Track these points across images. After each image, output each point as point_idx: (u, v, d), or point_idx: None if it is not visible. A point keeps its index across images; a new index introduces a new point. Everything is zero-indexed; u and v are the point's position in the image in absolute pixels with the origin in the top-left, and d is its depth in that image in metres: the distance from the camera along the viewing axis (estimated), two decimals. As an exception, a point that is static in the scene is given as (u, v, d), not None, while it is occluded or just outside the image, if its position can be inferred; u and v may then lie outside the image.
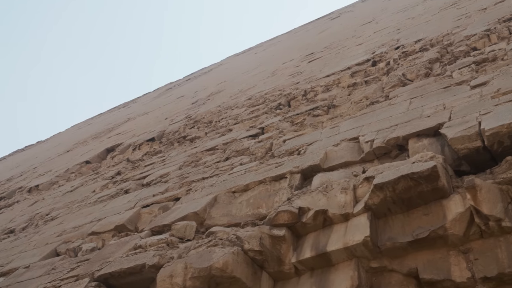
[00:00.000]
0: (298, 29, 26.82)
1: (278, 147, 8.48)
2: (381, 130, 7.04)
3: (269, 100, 12.04)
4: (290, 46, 21.15)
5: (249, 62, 22.12)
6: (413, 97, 7.82)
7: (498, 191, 5.18)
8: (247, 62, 22.54)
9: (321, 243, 5.73)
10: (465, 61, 8.41)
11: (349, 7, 25.51)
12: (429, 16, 13.38)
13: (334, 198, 5.96)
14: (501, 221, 5.02)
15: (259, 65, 19.39)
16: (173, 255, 6.14)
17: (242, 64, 22.37)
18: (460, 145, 5.78)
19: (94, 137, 19.65)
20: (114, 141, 16.13)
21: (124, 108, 26.99)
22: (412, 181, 5.39)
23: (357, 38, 15.22)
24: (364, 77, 10.49)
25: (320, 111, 9.49)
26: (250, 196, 7.18)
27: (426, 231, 5.29)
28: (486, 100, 6.45)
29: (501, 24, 9.42)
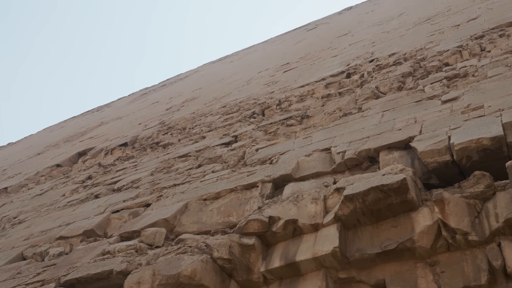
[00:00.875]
0: (275, 39, 26.93)
1: (251, 155, 8.49)
2: (353, 141, 7.10)
3: (244, 108, 12.05)
4: (266, 55, 21.23)
5: (225, 70, 22.13)
6: (386, 110, 7.90)
7: (466, 205, 5.26)
8: (223, 70, 22.54)
9: (290, 252, 5.75)
10: (437, 76, 8.53)
11: (326, 19, 25.70)
12: (404, 31, 13.55)
13: (305, 208, 5.99)
14: (467, 235, 5.10)
15: (234, 73, 19.41)
16: (141, 262, 6.09)
17: (218, 72, 22.37)
18: (430, 158, 5.86)
19: (66, 140, 19.42)
20: (86, 145, 15.96)
21: (97, 112, 26.75)
22: (382, 193, 5.44)
23: (332, 50, 15.34)
24: (338, 88, 10.57)
25: (293, 121, 9.53)
26: (221, 204, 7.17)
27: (394, 243, 5.35)
28: (456, 115, 6.55)
29: (473, 41, 9.59)
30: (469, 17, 11.79)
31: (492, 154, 5.52)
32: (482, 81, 7.43)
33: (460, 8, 13.39)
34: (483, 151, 5.53)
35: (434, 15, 13.97)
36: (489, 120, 5.94)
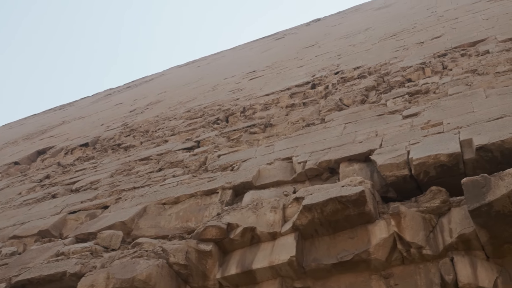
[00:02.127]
0: (243, 46, 26.96)
1: (213, 161, 8.47)
2: (314, 152, 7.15)
3: (208, 114, 12.03)
4: (233, 62, 21.23)
5: (191, 74, 22.04)
6: (348, 122, 7.99)
7: (421, 219, 5.35)
8: (190, 74, 22.45)
9: (247, 260, 5.75)
10: (399, 91, 8.67)
11: (294, 29, 25.85)
12: (370, 45, 13.73)
13: (264, 216, 6.00)
14: (422, 249, 5.19)
15: (200, 78, 19.35)
16: (96, 264, 6.01)
17: (184, 76, 22.26)
18: (389, 172, 5.94)
19: (26, 138, 19.03)
20: (46, 144, 15.68)
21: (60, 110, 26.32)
22: (340, 204, 5.50)
23: (299, 60, 15.44)
24: (302, 98, 10.63)
25: (257, 129, 9.55)
26: (180, 209, 7.13)
27: (350, 254, 5.41)
28: (416, 131, 6.67)
29: (435, 59, 9.78)
30: (433, 35, 12.03)
31: (449, 170, 5.63)
32: (443, 99, 7.58)
33: (425, 26, 13.64)
34: (440, 167, 5.63)
35: (400, 31, 14.20)
36: (447, 137, 6.06)
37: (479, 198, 4.78)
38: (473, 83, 7.77)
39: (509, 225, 4.79)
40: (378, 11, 20.73)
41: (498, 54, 8.72)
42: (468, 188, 4.92)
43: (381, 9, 21.14)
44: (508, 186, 4.69)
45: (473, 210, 4.79)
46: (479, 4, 13.97)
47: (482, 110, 6.55)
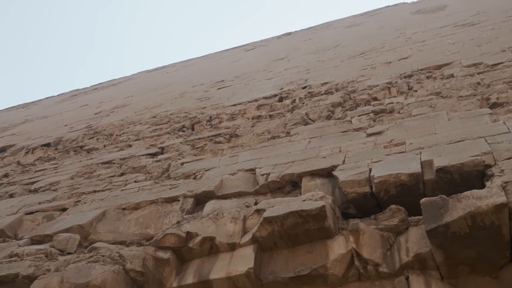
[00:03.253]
0: (213, 55, 26.98)
1: (176, 169, 8.42)
2: (278, 164, 7.17)
3: (174, 121, 11.97)
4: (203, 70, 21.21)
5: (160, 80, 21.93)
6: (313, 137, 8.04)
7: (380, 237, 5.40)
8: (158, 80, 22.33)
9: (204, 270, 5.71)
10: (365, 109, 8.77)
11: (265, 42, 26.00)
12: (338, 62, 13.88)
13: (224, 226, 5.98)
14: (378, 266, 5.24)
15: (168, 85, 19.26)
16: (50, 267, 5.89)
17: (152, 81, 22.13)
18: (350, 188, 5.99)
19: (-14, 134, 18.66)
20: (7, 142, 15.37)
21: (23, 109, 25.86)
22: (301, 218, 5.51)
23: (268, 73, 15.51)
24: (269, 111, 10.67)
25: (222, 139, 9.54)
26: (140, 215, 7.05)
27: (308, 269, 5.42)
28: (379, 149, 6.75)
29: (402, 79, 9.94)
30: (400, 56, 12.23)
31: (409, 190, 5.71)
32: (406, 119, 7.70)
33: (393, 46, 13.87)
34: (400, 186, 5.70)
35: (368, 50, 14.41)
36: (409, 156, 6.15)
37: (437, 218, 4.85)
38: (436, 105, 7.92)
39: (465, 247, 4.87)
40: (349, 29, 21.01)
41: (462, 78, 8.91)
42: (426, 208, 4.99)
43: (352, 27, 21.44)
44: (465, 208, 4.77)
45: (430, 230, 4.86)
46: (446, 28, 14.29)
47: (444, 132, 6.67)
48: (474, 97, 7.87)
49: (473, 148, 5.83)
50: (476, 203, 4.77)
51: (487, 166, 5.47)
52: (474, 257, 4.94)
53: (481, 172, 5.47)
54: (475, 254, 4.91)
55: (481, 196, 4.85)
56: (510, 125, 6.30)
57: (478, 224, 4.75)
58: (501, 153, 5.60)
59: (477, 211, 4.71)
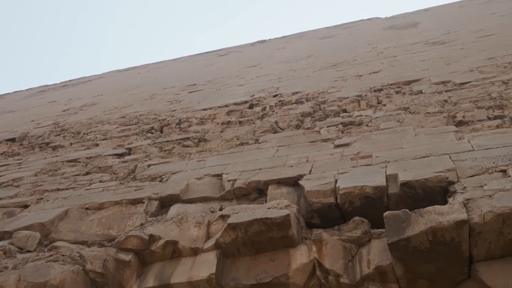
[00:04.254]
0: (186, 58, 26.87)
1: (142, 170, 8.35)
2: (245, 171, 7.17)
3: (143, 122, 11.89)
4: (175, 73, 21.12)
5: (131, 80, 21.76)
6: (281, 145, 8.07)
7: (342, 248, 5.44)
8: (129, 80, 22.15)
9: (166, 274, 5.67)
10: (334, 121, 8.85)
11: (238, 48, 26.03)
12: (310, 72, 13.97)
13: (187, 230, 5.95)
14: (340, 277, 5.28)
15: (140, 86, 19.12)
16: (8, 265, 5.77)
17: (123, 81, 21.94)
18: (315, 198, 6.02)
19: (-51, 127, 18.25)
20: (-30, 135, 15.07)
21: (-11, 102, 25.41)
22: (265, 226, 5.52)
23: (240, 79, 15.52)
24: (239, 117, 10.68)
25: (190, 142, 9.50)
26: (103, 215, 6.97)
27: (269, 277, 5.43)
28: (345, 160, 6.80)
29: (371, 93, 10.05)
30: (371, 69, 12.37)
31: (373, 202, 5.76)
32: (374, 132, 7.78)
33: (365, 60, 14.03)
34: (365, 198, 5.76)
35: (340, 62, 14.54)
36: (374, 169, 6.21)
37: (399, 232, 4.92)
38: (404, 120, 8.03)
39: (425, 261, 4.94)
40: (322, 40, 21.18)
41: (430, 95, 9.06)
42: (389, 221, 5.05)
43: (325, 38, 21.62)
44: (427, 223, 4.85)
45: (392, 244, 4.92)
46: (417, 45, 14.51)
47: (410, 147, 6.76)
48: (441, 114, 8.00)
49: (438, 164, 5.92)
50: (438, 218, 4.85)
51: (450, 182, 5.56)
52: (433, 272, 5.01)
53: (444, 188, 5.56)
54: (434, 269, 4.99)
55: (443, 212, 4.93)
56: (474, 143, 6.42)
57: (439, 240, 4.82)
58: (464, 171, 5.70)
59: (438, 226, 4.79)
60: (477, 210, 4.86)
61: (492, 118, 7.42)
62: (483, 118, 7.52)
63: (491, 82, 9.03)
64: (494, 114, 7.54)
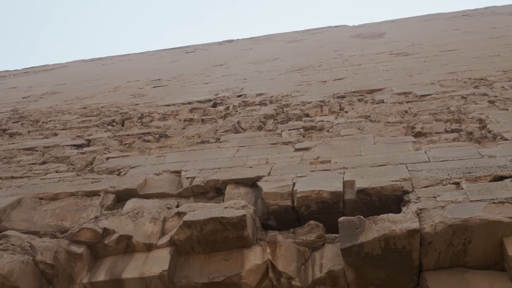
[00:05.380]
0: (153, 53, 26.66)
1: (100, 163, 8.25)
2: (204, 169, 7.15)
3: (104, 114, 11.75)
4: (140, 67, 20.93)
5: (95, 71, 21.49)
6: (242, 146, 8.08)
7: (296, 251, 5.49)
8: (93, 71, 21.88)
9: (117, 268, 5.62)
10: (296, 124, 8.90)
11: (206, 46, 25.96)
12: (276, 75, 14.04)
13: (142, 226, 5.91)
14: (292, 280, 5.31)
15: (103, 77, 18.91)
16: (-45, 253, 5.62)
17: (87, 72, 21.65)
18: (272, 200, 6.05)
19: None
20: None
21: None
22: (220, 225, 5.52)
23: (205, 77, 15.49)
24: (202, 115, 10.66)
25: (151, 137, 9.44)
26: (57, 206, 6.85)
27: (222, 276, 5.43)
28: (305, 164, 6.85)
29: (334, 99, 10.15)
30: (336, 76, 12.51)
31: (329, 207, 5.82)
32: (335, 138, 7.86)
33: (330, 66, 14.17)
34: (321, 203, 5.81)
35: (306, 67, 14.65)
36: (332, 175, 6.27)
37: (352, 238, 4.98)
38: (364, 128, 8.13)
39: (376, 268, 5.02)
40: (289, 44, 21.30)
41: (392, 105, 9.21)
42: (343, 227, 5.11)
43: (293, 42, 21.74)
44: (380, 230, 4.93)
45: (345, 249, 4.98)
46: (382, 55, 14.73)
47: (368, 155, 6.85)
48: (400, 124, 8.14)
49: (394, 173, 6.02)
50: (391, 226, 4.94)
51: (405, 192, 5.66)
52: (383, 279, 5.10)
53: (399, 197, 5.65)
54: (385, 275, 5.07)
55: (396, 220, 5.02)
56: (430, 155, 6.54)
57: (391, 247, 4.91)
58: (419, 181, 5.80)
59: (391, 234, 4.87)
60: (429, 220, 4.96)
61: (450, 131, 7.59)
62: (441, 131, 7.68)
63: (451, 96, 9.23)
64: (452, 127, 7.71)
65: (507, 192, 5.21)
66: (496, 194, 5.18)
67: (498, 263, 4.90)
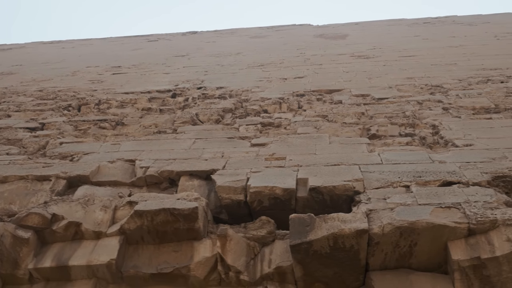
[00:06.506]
0: (115, 39, 26.27)
1: (53, 147, 8.11)
2: (159, 159, 7.11)
3: (61, 98, 11.54)
4: (101, 52, 20.60)
5: (54, 54, 21.05)
6: (198, 138, 8.06)
7: (246, 245, 5.51)
8: (52, 53, 21.42)
9: (65, 255, 5.54)
10: (254, 119, 8.93)
11: (169, 36, 25.72)
12: (237, 69, 14.03)
13: (92, 213, 5.84)
14: (240, 274, 5.34)
15: (62, 60, 18.56)
16: None
17: (45, 54, 21.20)
18: (225, 194, 6.06)
19: None
20: None
21: None
22: (172, 216, 5.50)
23: (166, 67, 15.37)
24: (160, 105, 10.58)
25: (107, 125, 9.32)
26: (6, 189, 6.70)
27: (170, 267, 5.42)
28: (260, 160, 6.88)
29: (293, 97, 10.22)
30: (297, 74, 12.58)
31: (282, 204, 5.86)
32: (291, 135, 7.92)
33: (292, 64, 14.24)
34: (274, 199, 5.85)
35: (268, 63, 14.69)
36: (286, 172, 6.32)
37: (302, 235, 5.04)
38: (321, 128, 8.21)
39: (323, 265, 5.09)
40: (253, 39, 21.30)
41: (349, 106, 9.32)
42: (294, 224, 5.16)
43: (256, 38, 21.75)
44: (330, 229, 4.99)
45: (294, 246, 5.03)
46: (343, 57, 14.88)
47: (323, 154, 6.92)
48: (356, 125, 8.25)
49: (347, 174, 6.10)
50: (340, 225, 5.01)
51: (356, 192, 5.74)
52: (330, 277, 5.17)
53: (350, 197, 5.74)
54: (332, 273, 5.15)
55: (345, 219, 5.10)
56: (383, 157, 6.66)
57: (339, 246, 4.98)
58: (371, 182, 5.90)
59: (340, 233, 4.95)
60: (378, 221, 5.05)
61: (403, 135, 7.73)
62: (395, 134, 7.82)
63: (407, 100, 9.40)
64: (406, 131, 7.86)
65: (454, 197, 5.35)
66: (443, 199, 5.32)
67: (442, 266, 5.03)
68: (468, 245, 4.87)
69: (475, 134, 7.39)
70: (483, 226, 4.89)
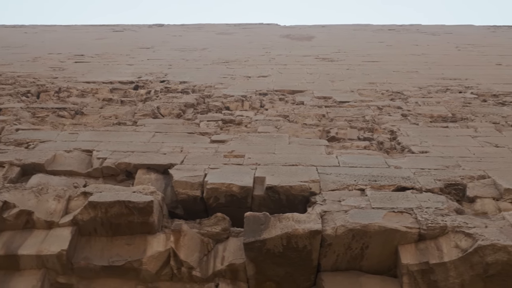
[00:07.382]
0: (79, 27, 25.87)
1: (9, 134, 7.94)
2: (116, 151, 7.04)
3: (20, 84, 11.31)
4: (64, 40, 20.26)
5: (15, 38, 20.61)
6: (158, 132, 8.01)
7: (200, 241, 5.51)
8: (13, 37, 20.97)
9: (14, 244, 5.44)
10: (215, 116, 8.92)
11: (135, 27, 25.46)
12: (201, 65, 13.99)
13: (45, 202, 5.75)
14: (192, 270, 5.34)
15: (24, 46, 18.19)
16: None
17: (6, 38, 20.73)
18: (182, 189, 6.04)
19: None
20: None
21: None
22: (126, 209, 5.46)
23: (130, 58, 15.21)
24: (122, 96, 10.47)
25: (66, 113, 9.17)
26: (-44, 174, 6.54)
27: (122, 260, 5.37)
28: (218, 157, 6.88)
29: (256, 96, 10.24)
30: (261, 73, 12.61)
31: (238, 201, 5.88)
32: (251, 134, 7.93)
33: (257, 62, 14.27)
34: (230, 196, 5.86)
35: (233, 60, 14.68)
36: (244, 170, 6.33)
37: (256, 233, 5.06)
38: (281, 127, 8.25)
39: (276, 265, 5.13)
40: (219, 36, 21.25)
41: (311, 108, 9.39)
42: (249, 222, 5.19)
43: (223, 34, 21.71)
44: (284, 228, 5.03)
45: (247, 243, 5.05)
46: (308, 58, 14.99)
47: (282, 154, 6.96)
48: (316, 127, 8.32)
49: (304, 174, 6.15)
50: (294, 225, 5.05)
51: (312, 193, 5.80)
52: (282, 276, 5.21)
53: (306, 198, 5.79)
54: (283, 273, 5.19)
55: (300, 220, 5.14)
56: (341, 160, 6.73)
57: (292, 246, 5.03)
58: (327, 184, 5.96)
59: (293, 233, 4.99)
60: (331, 222, 5.11)
61: (362, 139, 7.83)
62: (354, 138, 7.91)
63: (368, 105, 9.52)
64: (364, 135, 7.96)
65: (407, 202, 5.45)
66: (397, 204, 5.41)
67: (391, 269, 5.12)
68: (417, 249, 4.97)
69: (431, 141, 7.54)
70: (433, 232, 5.01)
